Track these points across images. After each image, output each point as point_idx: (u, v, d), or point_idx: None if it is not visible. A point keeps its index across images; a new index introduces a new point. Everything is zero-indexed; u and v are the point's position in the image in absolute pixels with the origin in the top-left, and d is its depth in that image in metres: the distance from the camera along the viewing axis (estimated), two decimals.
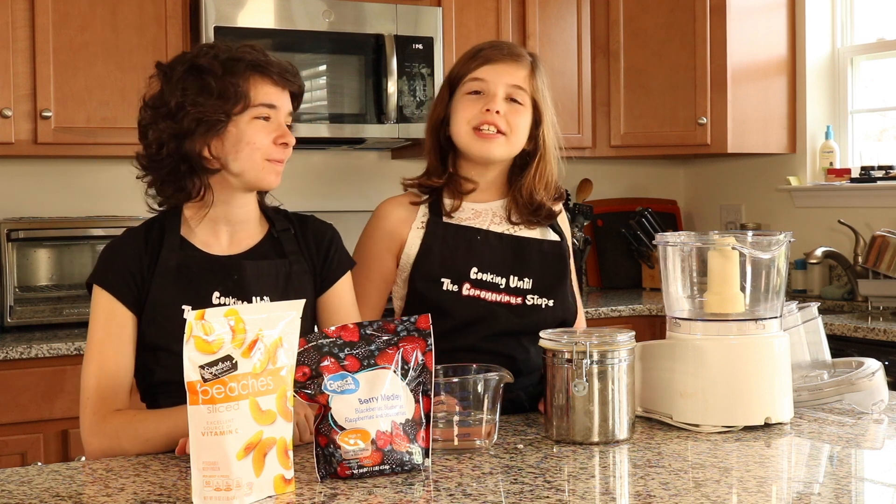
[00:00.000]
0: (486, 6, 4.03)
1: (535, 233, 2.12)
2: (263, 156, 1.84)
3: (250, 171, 1.84)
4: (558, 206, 2.16)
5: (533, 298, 2.05)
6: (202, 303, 1.82)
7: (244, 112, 1.82)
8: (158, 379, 1.84)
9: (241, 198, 1.90)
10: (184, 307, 1.83)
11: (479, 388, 1.68)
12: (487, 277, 2.04)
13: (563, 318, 2.08)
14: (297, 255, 1.94)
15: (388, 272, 2.10)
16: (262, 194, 1.97)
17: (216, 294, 1.85)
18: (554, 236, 2.13)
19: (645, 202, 4.70)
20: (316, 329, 1.95)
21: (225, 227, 1.91)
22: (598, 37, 4.29)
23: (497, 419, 1.71)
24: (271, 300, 1.87)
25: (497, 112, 2.01)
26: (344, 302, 1.98)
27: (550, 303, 2.06)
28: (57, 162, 3.68)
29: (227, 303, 1.85)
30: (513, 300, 2.04)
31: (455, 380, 1.69)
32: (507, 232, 2.08)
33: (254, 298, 1.87)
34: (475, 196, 2.11)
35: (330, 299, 1.97)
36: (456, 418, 1.68)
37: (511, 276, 2.05)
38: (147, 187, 1.90)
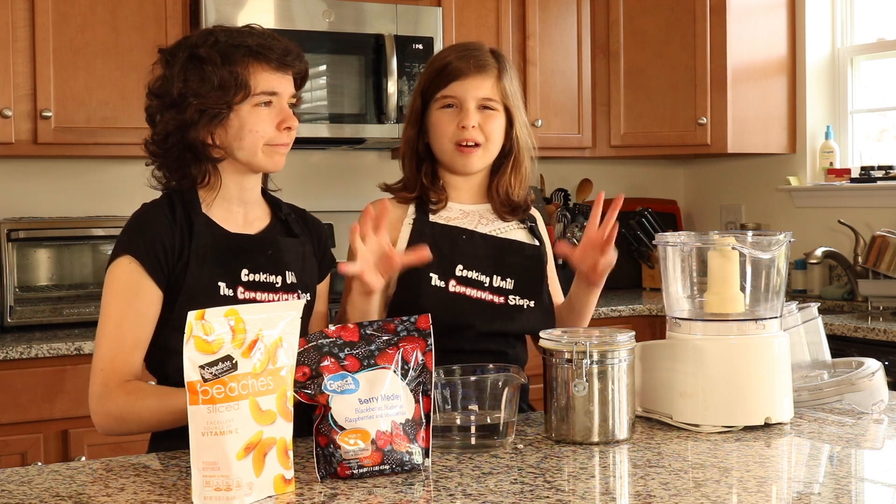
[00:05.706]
0: (486, 6, 4.03)
1: (519, 235, 2.16)
2: (267, 142, 1.86)
3: (255, 157, 1.87)
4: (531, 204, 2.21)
5: (515, 299, 2.08)
6: (234, 281, 1.84)
7: (245, 101, 1.83)
8: None
9: (251, 179, 1.92)
10: (219, 284, 1.84)
11: (498, 387, 1.68)
12: (472, 275, 2.07)
13: (545, 321, 2.10)
14: (305, 238, 1.98)
15: None
16: (265, 178, 1.99)
17: (245, 271, 1.86)
18: (535, 241, 2.17)
19: (645, 202, 4.70)
20: None
21: (238, 207, 1.92)
22: (598, 37, 4.29)
23: (515, 418, 1.72)
24: (296, 277, 1.91)
25: (473, 126, 2.05)
26: (323, 298, 2.02)
27: (532, 304, 2.10)
28: (57, 162, 3.68)
29: (257, 279, 1.86)
30: (496, 299, 2.07)
31: (472, 378, 1.70)
32: (491, 234, 2.12)
33: (287, 273, 1.89)
34: (463, 198, 2.15)
35: (319, 291, 2.00)
36: (473, 417, 1.68)
37: (494, 276, 2.08)
38: (154, 171, 1.91)
